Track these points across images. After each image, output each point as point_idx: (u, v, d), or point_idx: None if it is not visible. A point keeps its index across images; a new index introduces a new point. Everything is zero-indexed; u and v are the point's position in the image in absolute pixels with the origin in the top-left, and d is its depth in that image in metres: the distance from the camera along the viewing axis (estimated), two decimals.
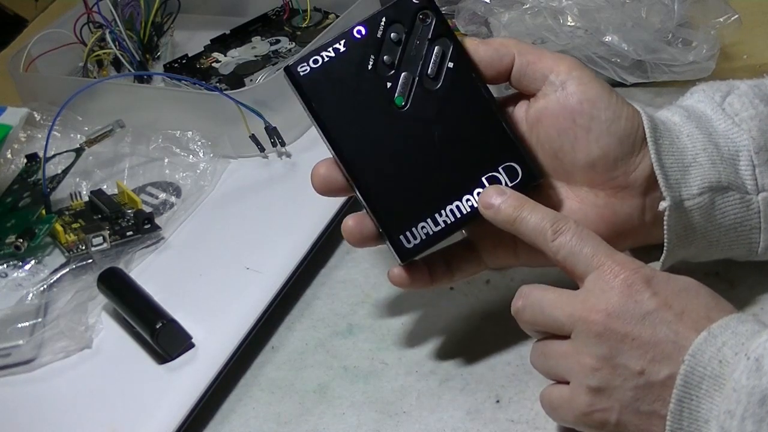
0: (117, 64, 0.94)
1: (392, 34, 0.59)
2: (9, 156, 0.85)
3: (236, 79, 0.89)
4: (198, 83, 0.86)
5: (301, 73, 0.59)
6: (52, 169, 0.81)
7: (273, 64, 0.90)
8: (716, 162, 0.58)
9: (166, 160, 0.83)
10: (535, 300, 0.55)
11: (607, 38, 0.78)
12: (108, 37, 0.92)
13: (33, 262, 0.75)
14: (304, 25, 0.94)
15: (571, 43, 0.80)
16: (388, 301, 0.69)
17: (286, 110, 0.82)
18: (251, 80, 0.88)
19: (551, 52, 0.60)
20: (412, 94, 0.59)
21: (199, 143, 0.82)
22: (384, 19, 0.59)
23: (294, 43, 0.92)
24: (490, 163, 0.58)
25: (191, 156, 0.82)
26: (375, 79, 0.59)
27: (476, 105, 0.59)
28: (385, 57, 0.59)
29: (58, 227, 0.76)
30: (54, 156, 0.82)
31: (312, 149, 0.82)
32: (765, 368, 0.47)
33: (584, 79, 0.58)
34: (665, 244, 0.59)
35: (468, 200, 0.57)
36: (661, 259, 0.59)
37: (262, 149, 0.82)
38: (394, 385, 0.63)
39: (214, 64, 0.92)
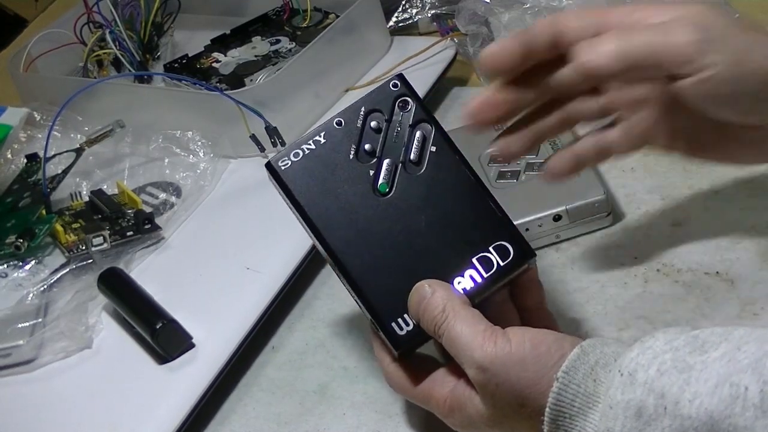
0: (117, 64, 0.94)
1: (372, 123, 0.59)
2: (9, 156, 0.85)
3: (236, 79, 0.89)
4: (198, 83, 0.86)
5: (283, 167, 0.58)
6: (53, 169, 0.81)
7: (273, 64, 0.90)
8: None
9: (166, 160, 0.83)
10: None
11: None
12: (108, 37, 0.92)
13: (33, 262, 0.75)
14: (304, 25, 0.94)
15: None
16: None
17: (286, 110, 0.82)
18: (251, 80, 0.88)
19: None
20: (396, 180, 0.58)
21: (200, 143, 0.82)
22: (363, 108, 0.59)
23: (294, 43, 0.92)
24: (480, 243, 0.57)
25: (191, 156, 0.82)
26: (357, 168, 0.58)
27: (462, 186, 0.58)
28: (366, 145, 0.58)
29: (58, 227, 0.76)
30: (54, 156, 0.82)
31: None
32: (639, 381, 0.47)
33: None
34: None
35: (459, 282, 0.56)
36: None
37: (262, 149, 0.82)
38: None
39: (214, 64, 0.92)
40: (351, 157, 0.58)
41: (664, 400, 0.45)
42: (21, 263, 0.75)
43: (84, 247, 0.75)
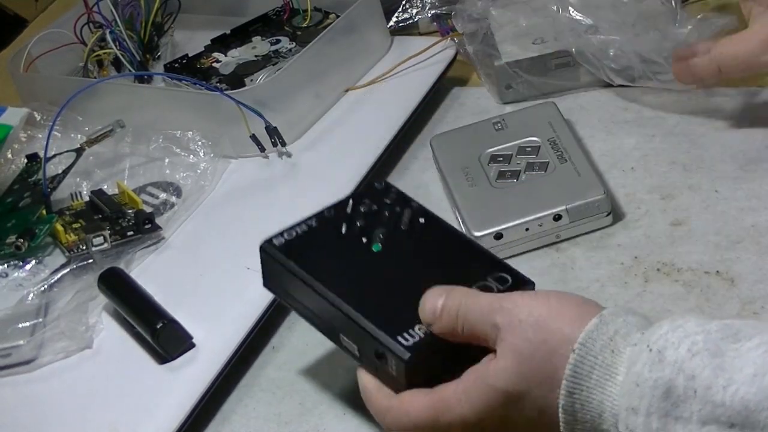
0: (117, 64, 0.94)
1: (361, 208, 0.61)
2: (9, 156, 0.85)
3: (237, 79, 0.89)
4: (198, 83, 0.86)
5: (277, 244, 0.59)
6: (53, 169, 0.81)
7: (273, 64, 0.90)
8: None
9: (167, 160, 0.82)
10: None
11: (607, 38, 0.78)
12: (108, 37, 0.92)
13: (33, 262, 0.75)
14: (304, 25, 0.94)
15: (570, 42, 0.80)
16: None
17: (286, 110, 0.82)
18: (252, 80, 0.88)
19: None
20: (388, 240, 0.59)
21: (200, 143, 0.82)
22: (351, 201, 0.61)
23: (294, 43, 0.92)
24: (479, 276, 0.56)
25: (192, 156, 0.82)
26: (350, 238, 0.60)
27: (454, 239, 0.60)
28: (357, 222, 0.60)
29: (59, 227, 0.76)
30: (54, 156, 0.82)
31: (312, 149, 0.82)
32: (668, 359, 0.45)
33: None
34: None
35: None
36: None
37: (262, 149, 0.82)
38: None
39: (214, 64, 0.92)
40: (343, 231, 0.60)
41: (695, 383, 0.44)
42: (21, 263, 0.75)
43: (84, 247, 0.75)
